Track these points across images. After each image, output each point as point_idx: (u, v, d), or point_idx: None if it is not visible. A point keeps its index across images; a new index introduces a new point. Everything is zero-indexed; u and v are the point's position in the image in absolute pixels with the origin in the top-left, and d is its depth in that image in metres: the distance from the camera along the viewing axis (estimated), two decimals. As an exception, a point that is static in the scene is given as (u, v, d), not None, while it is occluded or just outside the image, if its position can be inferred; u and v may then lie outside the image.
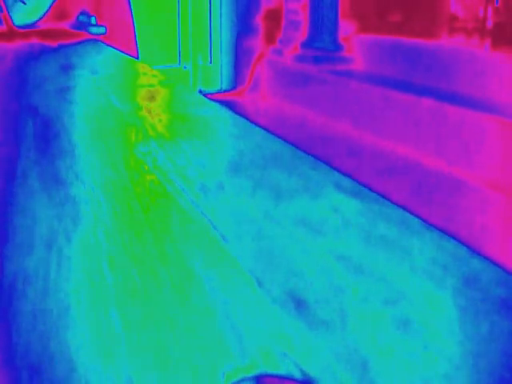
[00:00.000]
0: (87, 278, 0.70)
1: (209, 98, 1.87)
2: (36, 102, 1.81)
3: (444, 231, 0.80)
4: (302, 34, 5.48)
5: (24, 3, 4.08)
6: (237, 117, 1.58)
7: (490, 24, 4.38)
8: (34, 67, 2.69)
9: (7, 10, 4.03)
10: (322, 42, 5.27)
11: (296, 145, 1.25)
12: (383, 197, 0.94)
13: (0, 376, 0.53)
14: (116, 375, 0.53)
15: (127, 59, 2.94)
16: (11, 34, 3.96)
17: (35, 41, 3.69)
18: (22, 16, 4.12)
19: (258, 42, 6.10)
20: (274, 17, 5.96)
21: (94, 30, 4.36)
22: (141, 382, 0.52)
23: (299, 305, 0.63)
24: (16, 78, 2.38)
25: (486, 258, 0.73)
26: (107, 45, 3.54)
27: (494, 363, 0.54)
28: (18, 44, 3.60)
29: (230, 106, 5.30)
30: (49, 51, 3.32)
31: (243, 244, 0.78)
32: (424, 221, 0.84)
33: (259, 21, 6.16)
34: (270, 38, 5.93)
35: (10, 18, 4.05)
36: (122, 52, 3.18)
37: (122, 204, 0.93)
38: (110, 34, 4.35)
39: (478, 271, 0.70)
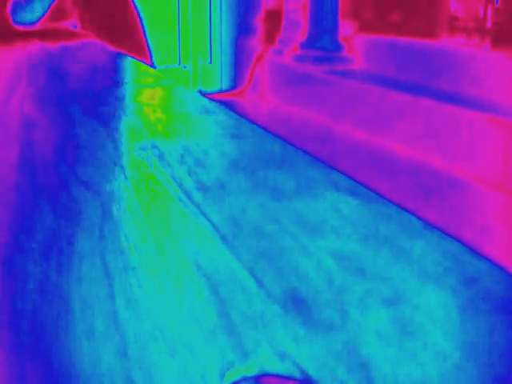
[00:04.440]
0: (87, 278, 0.70)
1: (209, 98, 1.87)
2: (35, 101, 1.81)
3: (444, 231, 0.80)
4: (302, 34, 5.48)
5: (24, 3, 4.08)
6: (236, 116, 1.58)
7: (489, 24, 4.38)
8: (34, 67, 2.69)
9: (7, 9, 4.03)
10: (322, 42, 5.28)
11: (296, 145, 1.25)
12: (383, 197, 0.94)
13: (0, 376, 0.53)
14: (116, 375, 0.53)
15: (127, 59, 2.94)
16: (11, 34, 3.95)
17: (35, 41, 3.69)
18: (22, 16, 4.12)
19: (258, 42, 6.11)
20: (273, 17, 5.96)
21: (94, 30, 4.35)
22: (141, 382, 0.52)
23: (299, 305, 0.63)
24: (15, 77, 2.38)
25: (486, 258, 0.73)
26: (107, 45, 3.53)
27: (494, 364, 0.54)
28: (17, 44, 3.60)
29: (230, 106, 5.31)
30: (49, 51, 3.32)
31: (243, 244, 0.78)
32: (424, 221, 0.84)
33: (259, 21, 6.16)
34: (270, 38, 5.94)
35: (10, 17, 4.05)
36: (122, 52, 3.18)
37: (121, 204, 0.93)
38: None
39: (479, 271, 0.70)
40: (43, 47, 3.48)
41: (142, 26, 4.78)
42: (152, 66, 4.40)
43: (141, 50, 4.35)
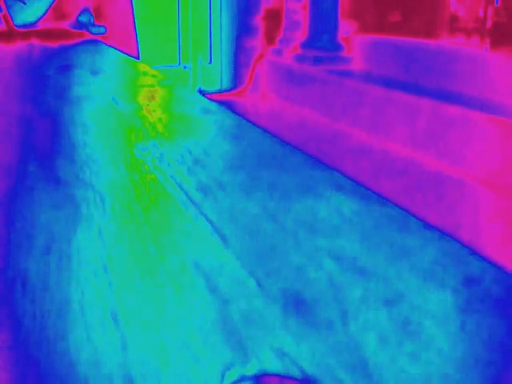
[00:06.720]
0: (87, 277, 0.70)
1: (209, 98, 1.87)
2: (36, 102, 1.81)
3: (444, 231, 0.80)
4: (302, 34, 5.48)
5: (24, 3, 4.08)
6: (236, 117, 1.58)
7: (489, 24, 4.38)
8: (34, 67, 2.69)
9: (7, 9, 4.03)
10: (322, 42, 5.27)
11: (296, 145, 1.25)
12: (383, 197, 0.94)
13: (2, 375, 0.53)
14: (116, 375, 0.53)
15: (127, 59, 2.94)
16: (11, 33, 3.95)
17: (35, 41, 3.69)
18: (22, 16, 4.12)
19: (258, 42, 6.11)
20: (273, 17, 5.96)
21: (94, 29, 4.36)
22: (141, 381, 0.52)
23: (299, 305, 0.63)
24: (16, 78, 2.38)
25: (486, 258, 0.73)
26: (107, 45, 3.54)
27: (493, 363, 0.54)
28: (17, 44, 3.60)
29: (230, 106, 5.30)
30: (49, 51, 3.32)
31: (243, 244, 0.78)
32: (424, 221, 0.84)
33: (259, 21, 6.16)
34: (270, 38, 5.93)
35: (10, 17, 4.05)
36: (122, 52, 3.18)
37: (122, 204, 0.93)
38: (110, 34, 4.35)
39: (478, 271, 0.70)
40: (44, 45, 3.48)
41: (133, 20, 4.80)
42: (137, 58, 4.42)
43: (129, 43, 4.37)
